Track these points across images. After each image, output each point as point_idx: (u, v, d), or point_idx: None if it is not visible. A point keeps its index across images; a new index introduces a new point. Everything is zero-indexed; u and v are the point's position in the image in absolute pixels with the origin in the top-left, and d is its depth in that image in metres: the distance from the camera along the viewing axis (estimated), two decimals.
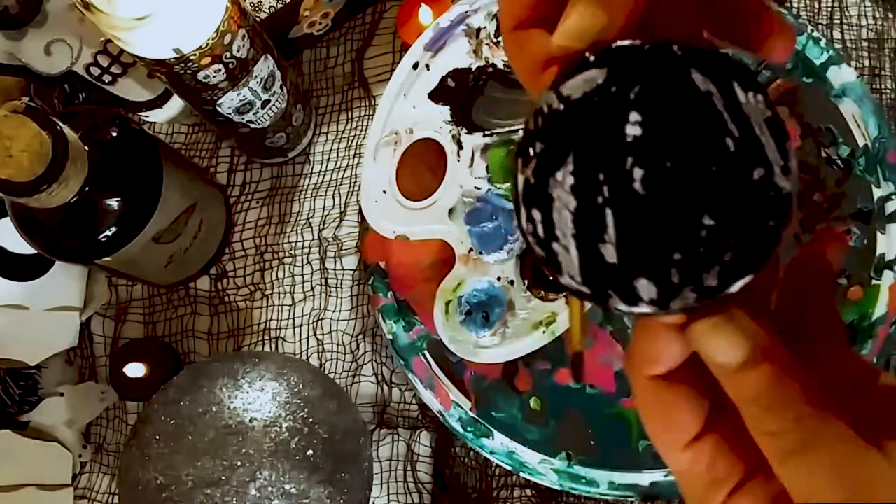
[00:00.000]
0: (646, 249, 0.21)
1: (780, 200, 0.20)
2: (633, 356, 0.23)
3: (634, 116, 0.21)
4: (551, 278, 0.23)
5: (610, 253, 0.21)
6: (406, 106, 0.54)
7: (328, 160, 0.61)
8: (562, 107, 0.22)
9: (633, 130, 0.21)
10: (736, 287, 0.21)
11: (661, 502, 0.51)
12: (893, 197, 0.51)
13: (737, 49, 0.24)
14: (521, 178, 0.22)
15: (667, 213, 0.21)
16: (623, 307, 0.21)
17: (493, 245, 0.52)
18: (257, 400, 0.48)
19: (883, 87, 0.59)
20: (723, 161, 0.21)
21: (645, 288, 0.21)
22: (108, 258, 0.48)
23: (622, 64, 0.21)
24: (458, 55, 0.54)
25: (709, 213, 0.21)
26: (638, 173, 0.21)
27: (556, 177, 0.21)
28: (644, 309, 0.21)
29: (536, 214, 0.22)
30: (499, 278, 0.52)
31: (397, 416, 0.57)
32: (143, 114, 0.60)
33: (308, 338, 0.59)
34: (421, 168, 0.54)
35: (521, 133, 0.22)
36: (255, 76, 0.49)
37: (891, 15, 0.60)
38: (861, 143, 0.52)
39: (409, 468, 0.55)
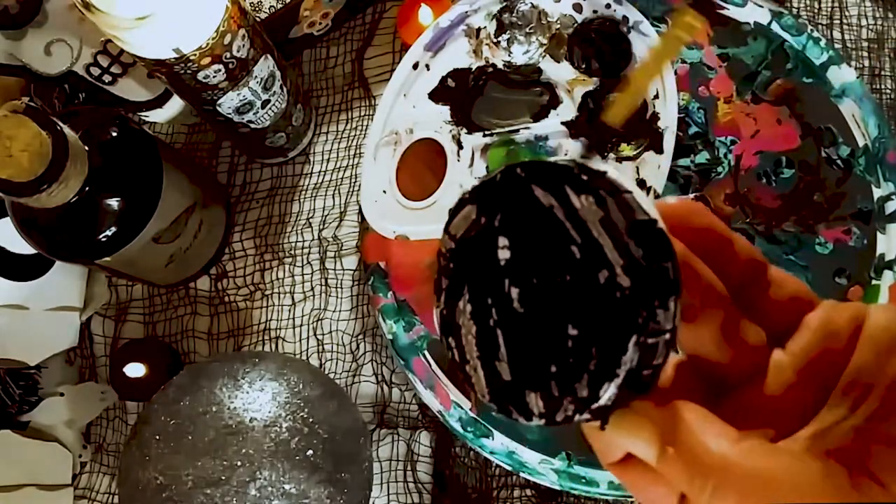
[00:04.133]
0: (530, 364, 0.23)
1: (625, 301, 0.21)
2: (594, 450, 0.25)
3: (502, 241, 0.23)
4: None
5: (505, 371, 0.23)
6: (406, 106, 0.54)
7: (328, 160, 0.61)
8: (452, 245, 0.24)
9: (503, 254, 0.23)
10: (605, 396, 0.21)
11: None
12: (893, 197, 0.51)
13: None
14: (436, 313, 0.25)
15: (541, 327, 0.22)
16: (523, 421, 0.23)
17: None
18: (257, 400, 0.48)
19: (883, 87, 0.59)
20: (573, 269, 0.22)
21: (534, 402, 0.23)
22: (108, 258, 0.48)
23: (485, 195, 0.24)
24: (458, 55, 0.54)
25: (571, 322, 0.22)
26: (514, 293, 0.23)
27: (459, 307, 0.24)
28: (538, 422, 0.23)
29: (452, 342, 0.24)
30: None
31: (397, 416, 0.57)
32: (143, 114, 0.60)
33: (308, 338, 0.59)
34: (421, 168, 0.54)
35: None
36: (255, 76, 0.49)
37: (891, 15, 0.60)
38: (861, 143, 0.52)
39: (409, 468, 0.55)
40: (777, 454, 0.21)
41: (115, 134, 0.48)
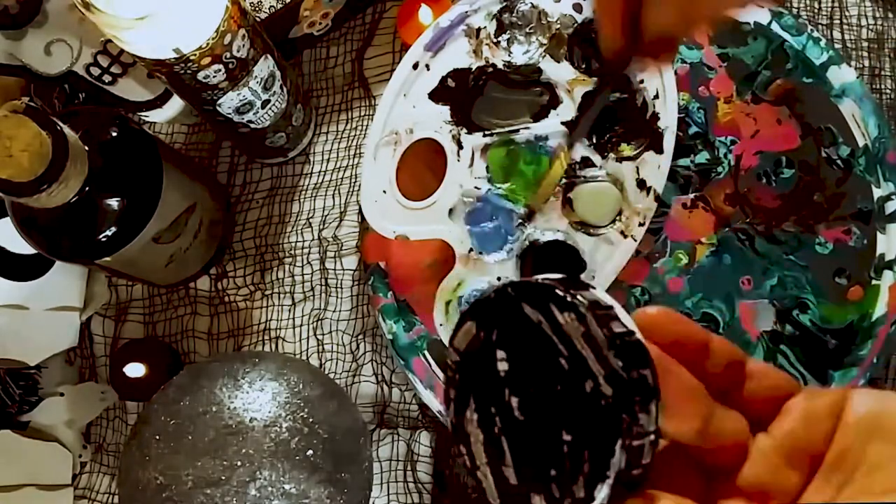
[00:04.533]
0: (532, 468, 0.24)
1: (609, 409, 0.23)
2: None
3: (500, 354, 0.25)
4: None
5: (511, 475, 0.25)
6: (406, 106, 0.54)
7: (328, 160, 0.61)
8: (457, 358, 0.26)
9: (502, 366, 0.25)
10: (599, 497, 0.23)
11: None
12: (893, 197, 0.51)
13: None
14: (448, 421, 0.27)
15: (539, 434, 0.24)
16: None
17: (493, 245, 0.52)
18: (257, 400, 0.48)
19: (883, 87, 0.59)
20: (562, 380, 0.24)
21: None
22: (108, 258, 0.48)
23: (483, 313, 0.26)
24: (458, 55, 0.54)
25: (565, 428, 0.23)
26: (514, 401, 0.25)
27: (466, 416, 0.26)
28: None
29: (462, 449, 0.26)
30: (499, 278, 0.52)
31: (397, 416, 0.57)
32: (143, 114, 0.60)
33: (308, 338, 0.59)
34: (421, 168, 0.54)
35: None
36: (255, 76, 0.49)
37: (891, 15, 0.60)
38: (861, 143, 0.52)
39: (409, 468, 0.55)
40: None
41: (115, 134, 0.48)
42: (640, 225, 0.50)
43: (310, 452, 0.47)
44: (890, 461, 0.22)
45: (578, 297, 0.24)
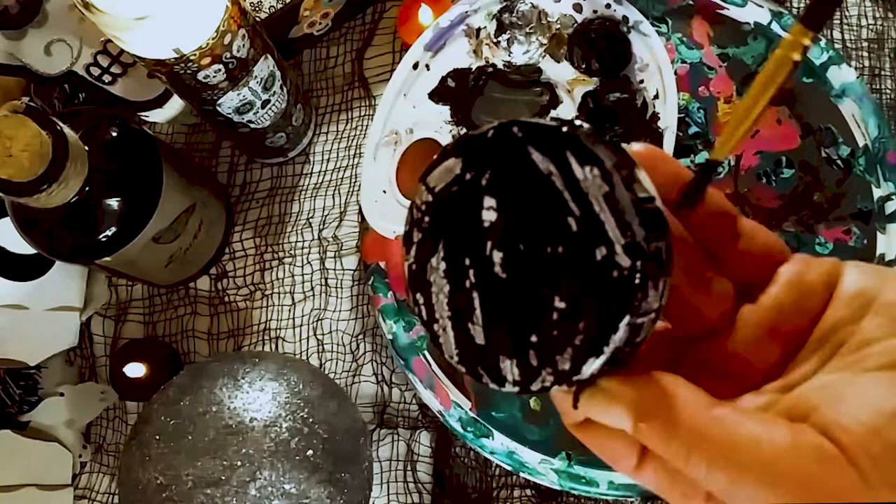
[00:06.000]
0: (507, 331, 0.22)
1: (623, 282, 0.20)
2: (558, 410, 0.24)
3: (488, 202, 0.22)
4: None
5: (479, 334, 0.22)
6: (406, 106, 0.54)
7: (328, 160, 0.61)
8: (430, 198, 0.23)
9: (488, 216, 0.22)
10: (587, 371, 0.21)
11: (661, 502, 0.51)
12: (893, 197, 0.51)
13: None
14: (405, 265, 0.24)
15: (523, 296, 0.22)
16: (494, 386, 0.22)
17: None
18: (257, 400, 0.48)
19: (883, 87, 0.59)
20: (567, 242, 0.21)
21: (509, 369, 0.22)
22: (108, 258, 0.48)
23: (473, 151, 0.22)
24: (458, 55, 0.54)
25: (559, 295, 0.21)
26: (497, 257, 0.22)
27: (431, 263, 0.23)
28: (510, 388, 0.22)
29: (420, 298, 0.23)
30: None
31: (397, 416, 0.57)
32: (143, 114, 0.60)
33: (308, 338, 0.59)
34: (421, 168, 0.54)
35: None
36: (255, 76, 0.49)
37: (891, 15, 0.60)
38: (861, 143, 0.52)
39: (409, 468, 0.55)
40: (743, 423, 0.21)
41: (115, 134, 0.48)
42: None
43: (310, 452, 0.47)
44: (888, 334, 0.21)
45: (602, 148, 0.20)
